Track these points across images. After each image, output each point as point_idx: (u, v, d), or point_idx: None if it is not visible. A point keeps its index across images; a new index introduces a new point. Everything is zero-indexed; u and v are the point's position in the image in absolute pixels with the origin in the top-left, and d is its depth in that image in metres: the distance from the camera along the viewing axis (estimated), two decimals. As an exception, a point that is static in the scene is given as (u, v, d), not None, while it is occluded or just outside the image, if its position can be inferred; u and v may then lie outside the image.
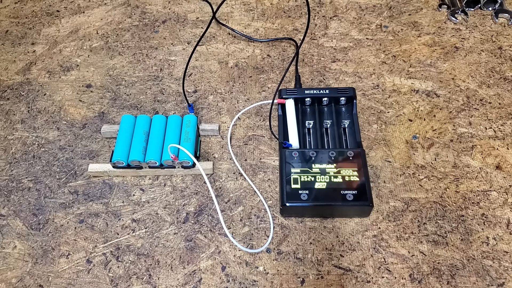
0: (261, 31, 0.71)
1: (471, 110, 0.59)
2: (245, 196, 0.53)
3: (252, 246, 0.49)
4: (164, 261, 0.49)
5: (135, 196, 0.54)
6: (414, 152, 0.56)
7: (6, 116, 0.62)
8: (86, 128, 0.60)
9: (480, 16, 0.71)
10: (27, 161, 0.57)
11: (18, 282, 0.48)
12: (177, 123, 0.56)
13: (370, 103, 0.61)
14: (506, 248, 0.48)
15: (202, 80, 0.65)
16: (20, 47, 0.71)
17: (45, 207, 0.53)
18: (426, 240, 0.49)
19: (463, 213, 0.50)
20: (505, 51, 0.66)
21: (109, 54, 0.69)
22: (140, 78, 0.66)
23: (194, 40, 0.70)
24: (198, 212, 0.52)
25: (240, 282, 0.47)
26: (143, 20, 0.74)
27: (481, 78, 0.63)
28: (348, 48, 0.68)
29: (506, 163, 0.54)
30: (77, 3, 0.77)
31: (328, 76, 0.64)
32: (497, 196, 0.52)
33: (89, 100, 0.63)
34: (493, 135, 0.57)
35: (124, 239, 0.50)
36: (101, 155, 0.57)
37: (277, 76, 0.65)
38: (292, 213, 0.51)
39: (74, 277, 0.48)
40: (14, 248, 0.50)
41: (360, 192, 0.48)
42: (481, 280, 0.46)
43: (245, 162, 0.56)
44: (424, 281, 0.46)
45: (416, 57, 0.66)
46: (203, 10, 0.75)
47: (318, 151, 0.52)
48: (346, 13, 0.73)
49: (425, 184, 0.53)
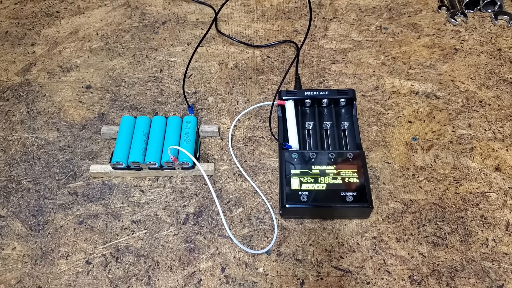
0: (261, 32, 0.71)
1: (471, 112, 0.59)
2: (245, 198, 0.53)
3: (252, 247, 0.49)
4: (164, 263, 0.49)
5: (134, 197, 0.54)
6: (413, 154, 0.56)
7: (6, 117, 0.62)
8: (86, 129, 0.60)
9: (479, 18, 0.71)
10: (26, 162, 0.57)
11: (17, 284, 0.48)
12: (177, 124, 0.56)
13: (370, 104, 0.61)
14: (506, 250, 0.48)
15: (202, 81, 0.65)
16: (20, 48, 0.71)
17: (44, 208, 0.53)
18: (425, 241, 0.49)
19: (463, 214, 0.51)
20: (504, 53, 0.66)
21: (109, 55, 0.69)
22: (140, 79, 0.66)
23: (194, 41, 0.70)
24: (198, 214, 0.52)
25: (239, 284, 0.47)
26: (143, 21, 0.74)
27: (481, 80, 0.63)
28: (348, 50, 0.68)
29: (505, 165, 0.54)
30: (77, 4, 0.77)
31: (328, 77, 0.64)
32: (496, 197, 0.52)
33: (88, 101, 0.63)
34: (492, 136, 0.57)
35: (123, 240, 0.50)
36: (101, 156, 0.57)
37: (277, 78, 0.65)
38: (292, 215, 0.51)
39: (74, 278, 0.48)
40: (13, 249, 0.50)
41: (360, 194, 0.48)
42: (480, 282, 0.46)
43: (245, 164, 0.56)
44: (423, 282, 0.46)
45: (415, 59, 0.66)
46: (203, 11, 0.75)
47: (318, 152, 0.52)
48: (346, 14, 0.73)
49: (425, 185, 0.53)
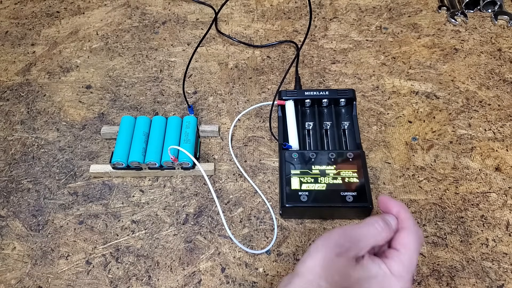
0: (261, 32, 0.71)
1: (471, 112, 0.59)
2: (245, 198, 0.53)
3: (252, 247, 0.49)
4: (164, 263, 0.49)
5: (134, 197, 0.54)
6: (413, 154, 0.56)
7: (6, 117, 0.62)
8: (86, 129, 0.60)
9: (479, 18, 0.71)
10: (26, 162, 0.57)
11: (17, 284, 0.48)
12: (177, 124, 0.56)
13: (370, 104, 0.61)
14: (506, 250, 0.48)
15: (202, 81, 0.65)
16: (20, 48, 0.71)
17: (44, 208, 0.53)
18: (425, 241, 0.49)
19: (463, 214, 0.51)
20: (504, 53, 0.66)
21: (109, 55, 0.69)
22: (140, 79, 0.66)
23: (194, 41, 0.70)
24: (198, 214, 0.52)
25: (239, 284, 0.47)
26: (143, 21, 0.74)
27: (481, 80, 0.63)
28: (348, 50, 0.68)
29: (505, 165, 0.54)
30: (77, 4, 0.77)
31: (328, 77, 0.64)
32: (496, 197, 0.52)
33: (88, 101, 0.63)
34: (492, 136, 0.57)
35: (123, 240, 0.50)
36: (101, 156, 0.57)
37: (277, 78, 0.65)
38: (292, 215, 0.51)
39: (74, 278, 0.48)
40: (13, 250, 0.50)
41: (360, 194, 0.48)
42: (480, 282, 0.46)
43: (245, 164, 0.56)
44: (423, 282, 0.46)
45: (415, 59, 0.66)
46: (203, 11, 0.75)
47: (317, 152, 0.52)
48: (346, 14, 0.73)
49: (425, 185, 0.53)
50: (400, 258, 0.34)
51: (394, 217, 0.37)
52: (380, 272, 0.33)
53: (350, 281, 0.33)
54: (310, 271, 0.33)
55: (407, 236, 0.35)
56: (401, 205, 0.37)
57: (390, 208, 0.37)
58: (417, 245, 0.35)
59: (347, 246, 0.34)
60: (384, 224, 0.35)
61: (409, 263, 0.34)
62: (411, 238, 0.35)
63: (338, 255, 0.33)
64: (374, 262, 0.34)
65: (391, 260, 0.34)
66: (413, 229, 0.35)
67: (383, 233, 0.35)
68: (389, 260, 0.34)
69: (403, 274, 0.33)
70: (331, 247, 0.33)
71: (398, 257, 0.34)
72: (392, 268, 0.34)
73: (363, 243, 0.34)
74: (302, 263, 0.34)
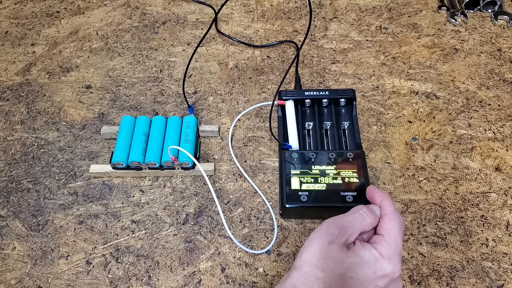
0: (261, 32, 0.71)
1: (471, 112, 0.59)
2: (245, 198, 0.53)
3: (252, 247, 0.49)
4: (164, 263, 0.49)
5: (134, 197, 0.54)
6: (413, 154, 0.56)
7: (6, 117, 0.62)
8: (86, 129, 0.60)
9: (479, 18, 0.71)
10: (26, 162, 0.57)
11: (17, 284, 0.48)
12: (177, 124, 0.56)
13: (370, 104, 0.61)
14: (506, 250, 0.48)
15: (202, 81, 0.65)
16: (20, 48, 0.71)
17: (44, 208, 0.53)
18: (425, 241, 0.49)
19: (463, 214, 0.51)
20: (504, 53, 0.66)
21: (109, 55, 0.69)
22: (140, 79, 0.66)
23: (194, 41, 0.70)
24: (198, 214, 0.52)
25: (239, 284, 0.47)
26: (143, 21, 0.74)
27: (481, 80, 0.63)
28: (348, 50, 0.68)
29: (505, 165, 0.54)
30: (77, 4, 0.77)
31: (328, 77, 0.64)
32: (496, 197, 0.52)
33: (88, 101, 0.63)
34: (492, 136, 0.57)
35: (123, 240, 0.50)
36: (101, 156, 0.57)
37: (277, 78, 0.65)
38: (292, 215, 0.51)
39: (74, 278, 0.48)
40: (13, 249, 0.50)
41: (360, 194, 0.48)
42: (480, 282, 0.46)
43: (245, 164, 0.56)
44: (423, 282, 0.46)
45: (415, 59, 0.66)
46: (203, 11, 0.75)
47: (317, 152, 0.52)
48: (346, 14, 0.73)
49: (425, 185, 0.53)
50: (387, 242, 0.37)
51: (378, 206, 0.41)
52: (371, 257, 0.36)
53: (344, 266, 0.36)
54: (307, 264, 0.36)
55: (389, 221, 0.39)
56: (384, 194, 0.41)
57: (374, 197, 0.42)
58: (399, 228, 0.38)
59: (337, 234, 0.37)
60: (368, 210, 0.39)
61: (395, 245, 0.37)
62: (393, 223, 0.38)
63: (330, 243, 0.36)
64: (365, 248, 0.37)
65: (379, 244, 0.37)
66: (394, 215, 0.39)
67: (368, 219, 0.39)
68: (377, 245, 0.37)
69: (391, 256, 0.36)
70: (323, 237, 0.37)
71: (385, 241, 0.37)
72: (382, 252, 0.37)
73: (351, 229, 0.38)
74: (298, 258, 0.37)
